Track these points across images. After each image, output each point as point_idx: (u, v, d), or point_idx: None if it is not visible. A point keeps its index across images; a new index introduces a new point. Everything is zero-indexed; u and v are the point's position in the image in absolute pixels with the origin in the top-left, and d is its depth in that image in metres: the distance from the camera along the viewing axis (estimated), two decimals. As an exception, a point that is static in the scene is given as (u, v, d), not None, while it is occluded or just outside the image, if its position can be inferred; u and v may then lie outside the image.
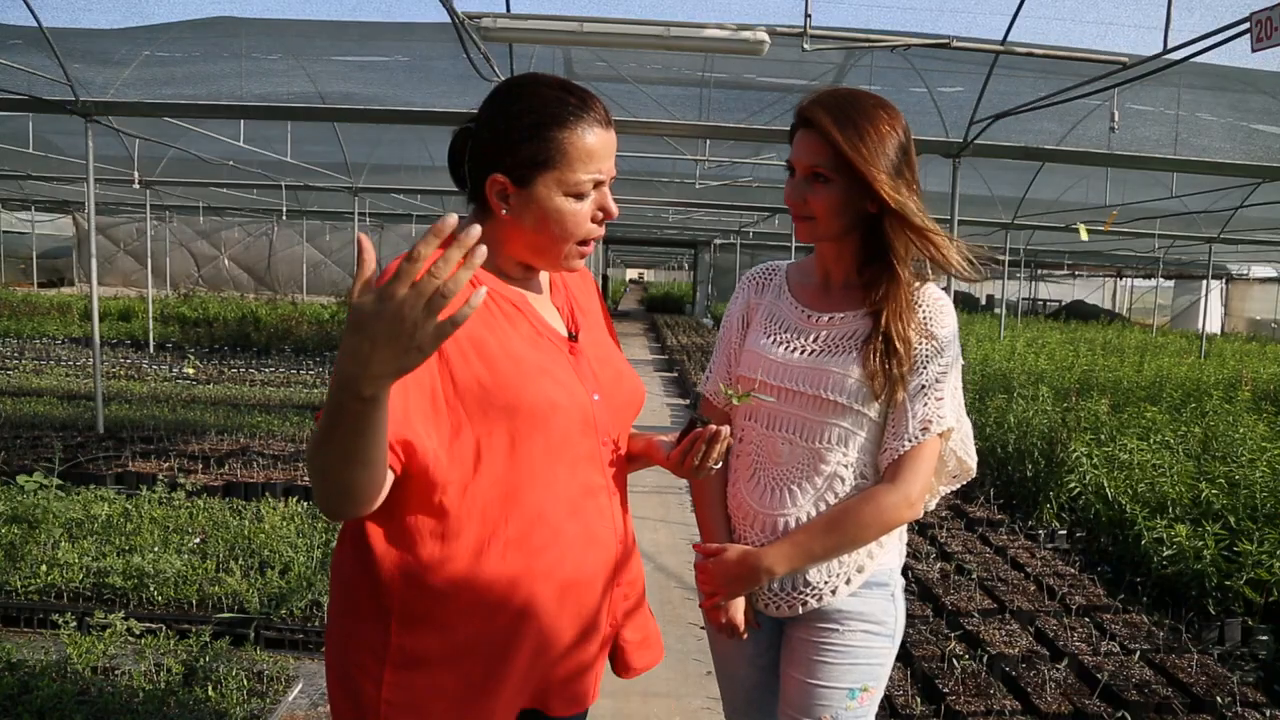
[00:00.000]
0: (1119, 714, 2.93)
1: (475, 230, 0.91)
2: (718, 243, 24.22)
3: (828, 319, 1.66)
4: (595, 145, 1.32)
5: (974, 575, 4.18)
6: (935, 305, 1.61)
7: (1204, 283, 17.93)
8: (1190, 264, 22.21)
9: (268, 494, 5.05)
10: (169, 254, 21.30)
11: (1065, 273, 29.77)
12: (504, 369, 1.30)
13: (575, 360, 1.42)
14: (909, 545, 2.77)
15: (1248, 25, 3.54)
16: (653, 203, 14.34)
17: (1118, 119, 5.61)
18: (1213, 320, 23.46)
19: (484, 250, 0.93)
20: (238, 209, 19.07)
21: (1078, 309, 25.90)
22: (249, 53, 7.42)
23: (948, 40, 5.02)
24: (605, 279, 26.41)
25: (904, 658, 3.32)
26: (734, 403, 1.65)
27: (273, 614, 3.51)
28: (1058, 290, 32.10)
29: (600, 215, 1.37)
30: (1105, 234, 12.47)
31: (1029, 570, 4.32)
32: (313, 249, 23.45)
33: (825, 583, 1.63)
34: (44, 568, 3.73)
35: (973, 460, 1.70)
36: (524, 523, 1.31)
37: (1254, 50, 3.45)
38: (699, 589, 1.73)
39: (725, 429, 1.44)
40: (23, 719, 2.57)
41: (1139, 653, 3.39)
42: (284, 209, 15.37)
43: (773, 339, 1.69)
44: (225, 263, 23.75)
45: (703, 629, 1.83)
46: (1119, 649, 3.48)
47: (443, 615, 1.29)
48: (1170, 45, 4.40)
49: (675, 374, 12.28)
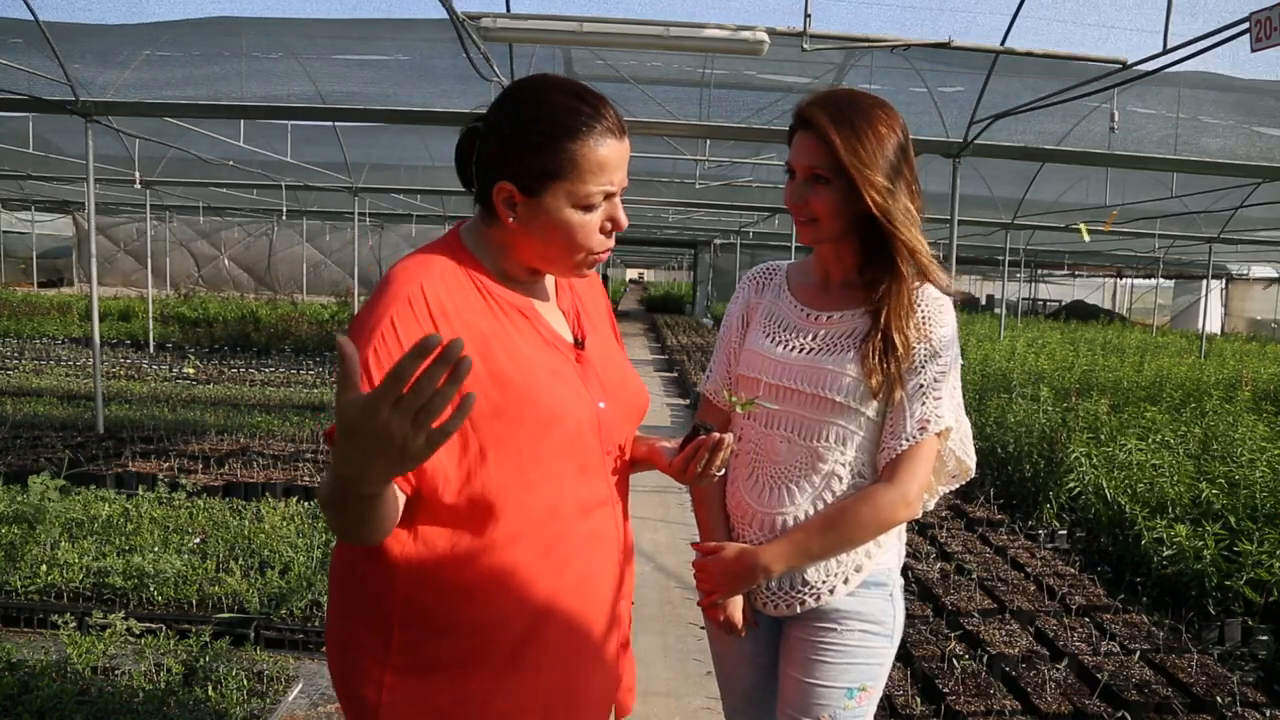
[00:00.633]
0: (1119, 714, 2.93)
1: (458, 344, 0.87)
2: (718, 243, 24.22)
3: (827, 318, 1.66)
4: (607, 157, 1.27)
5: (974, 575, 4.18)
6: (935, 305, 1.61)
7: (1204, 283, 17.94)
8: (1190, 264, 22.21)
9: (268, 494, 5.05)
10: (169, 254, 21.31)
11: (1065, 273, 29.78)
12: (512, 380, 1.28)
13: (581, 368, 1.40)
14: (909, 545, 2.77)
15: (1247, 25, 3.54)
16: (653, 203, 14.34)
17: (1117, 119, 5.62)
18: (1213, 320, 23.45)
19: (469, 363, 0.88)
20: (238, 209, 19.08)
21: (1078, 309, 25.90)
22: (249, 52, 7.43)
23: (947, 41, 5.02)
24: (605, 279, 26.42)
25: (904, 658, 3.32)
26: (738, 409, 1.64)
27: (273, 614, 3.51)
28: (1058, 290, 32.11)
29: (609, 226, 1.34)
30: (1105, 234, 12.47)
31: (1029, 570, 4.32)
32: (313, 249, 23.47)
33: (823, 582, 1.63)
34: (44, 568, 3.73)
35: (972, 460, 1.70)
36: (534, 521, 1.30)
37: (1253, 50, 3.45)
38: (698, 587, 1.73)
39: (729, 436, 1.43)
40: (23, 719, 2.57)
41: (1139, 653, 3.39)
42: (284, 209, 15.37)
43: (772, 338, 1.69)
44: (225, 263, 23.76)
45: (702, 629, 1.83)
46: (1119, 649, 3.48)
47: (450, 619, 1.27)
48: (1170, 45, 4.41)
49: (675, 374, 12.28)
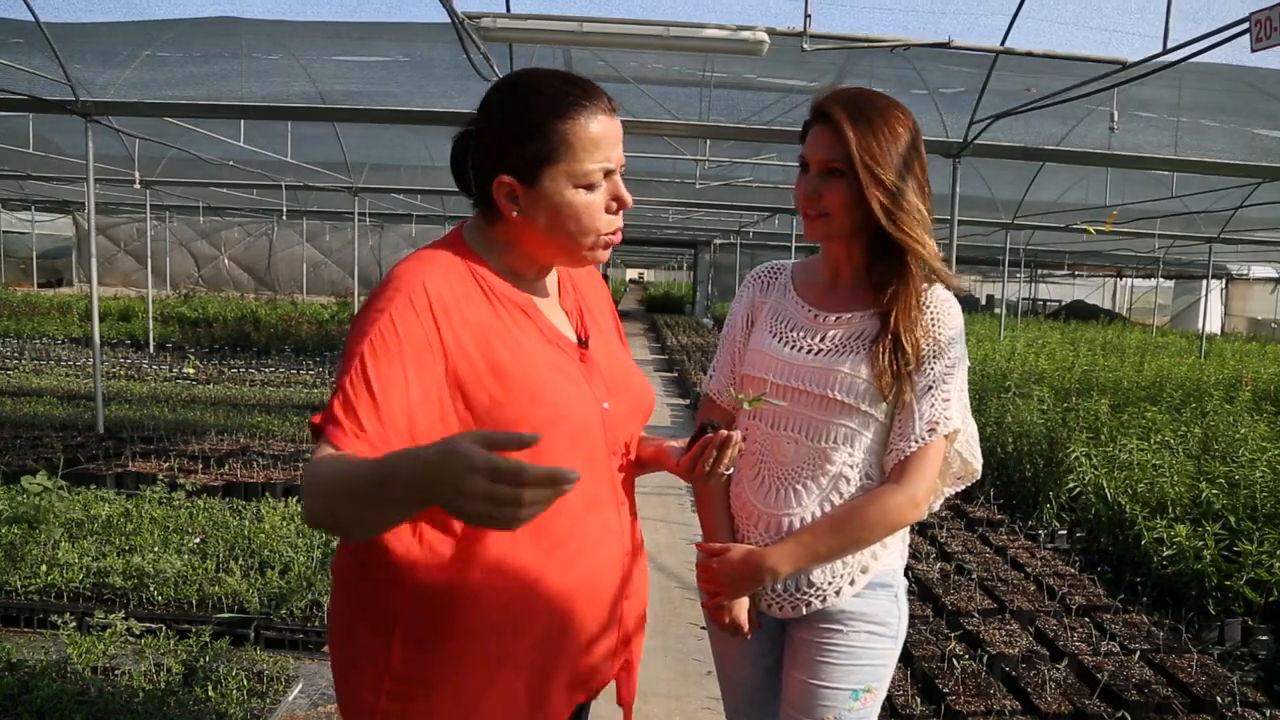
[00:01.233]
0: (1119, 714, 2.93)
1: (575, 476, 0.93)
2: (718, 243, 24.22)
3: (835, 319, 1.65)
4: (600, 133, 1.28)
5: (974, 575, 4.18)
6: (943, 306, 1.61)
7: (1204, 283, 17.94)
8: (1190, 264, 22.21)
9: (268, 494, 5.05)
10: (169, 254, 21.31)
11: (1065, 273, 29.78)
12: (514, 375, 1.27)
13: (585, 366, 1.40)
14: (909, 545, 2.75)
15: (1247, 25, 3.54)
16: (653, 203, 14.34)
17: (1117, 119, 5.62)
18: (1213, 320, 23.45)
19: (575, 478, 0.94)
20: (238, 209, 19.08)
21: (1078, 309, 25.90)
22: (249, 53, 7.42)
23: (947, 41, 5.02)
24: (605, 279, 26.34)
25: (904, 658, 3.31)
26: (745, 407, 1.64)
27: (273, 614, 3.51)
28: (1058, 290, 32.11)
29: (615, 205, 1.33)
30: (1105, 234, 12.47)
31: (1029, 570, 4.32)
32: (313, 249, 23.46)
33: (829, 583, 1.63)
34: (44, 568, 3.73)
35: (978, 462, 1.70)
36: (540, 518, 1.30)
37: (1254, 50, 3.46)
38: (702, 589, 1.72)
39: (736, 434, 1.42)
40: (23, 719, 2.57)
41: (1139, 653, 3.39)
42: (284, 209, 15.36)
43: (779, 338, 1.68)
44: (225, 263, 23.77)
45: (703, 629, 1.82)
46: (1119, 649, 3.48)
47: (453, 621, 1.27)
48: (1170, 45, 4.41)
49: (675, 374, 12.28)
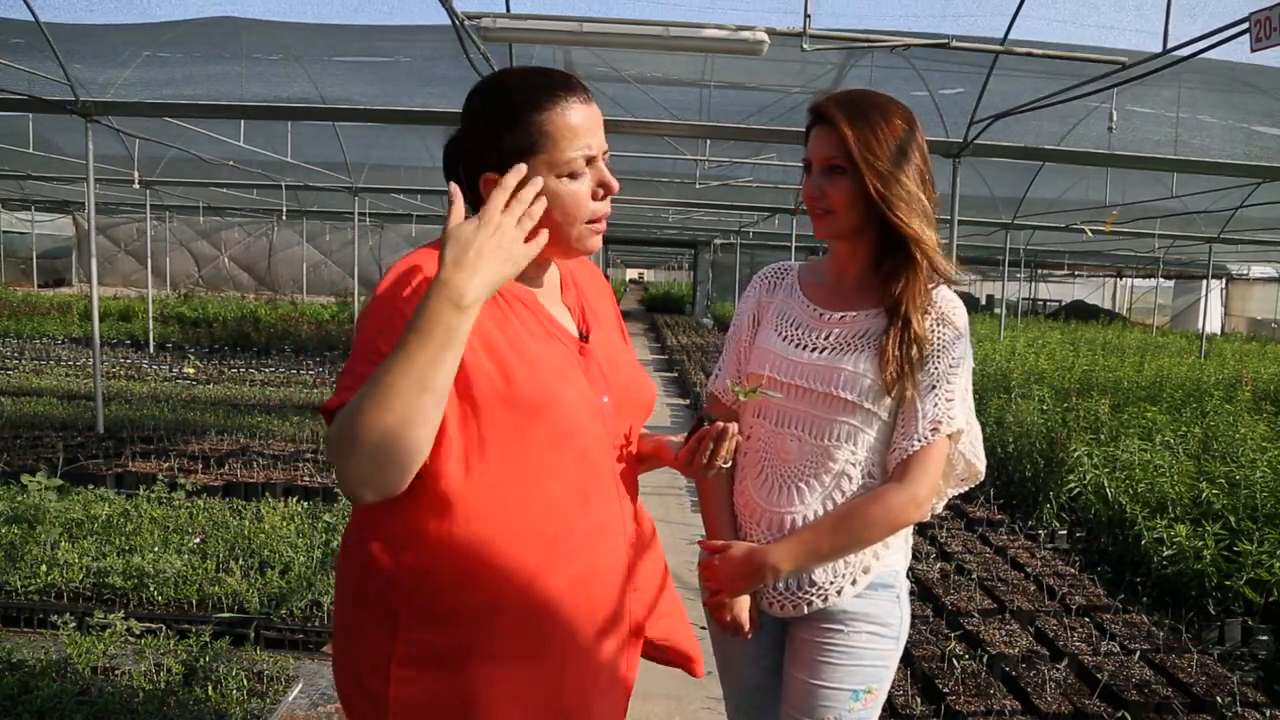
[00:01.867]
0: (1119, 714, 2.93)
1: (521, 168, 1.19)
2: (718, 243, 24.22)
3: (839, 317, 1.65)
4: (578, 121, 1.30)
5: (974, 575, 4.18)
6: (948, 306, 1.62)
7: (1204, 283, 17.93)
8: (1190, 264, 22.21)
9: (268, 494, 5.05)
10: (169, 254, 21.30)
11: (1065, 273, 29.78)
12: (512, 366, 1.29)
13: (585, 361, 1.41)
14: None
15: (1247, 25, 3.54)
16: (653, 203, 14.33)
17: (1115, 119, 5.61)
18: (1213, 320, 23.46)
19: (540, 182, 1.19)
20: (238, 209, 19.05)
21: (1078, 309, 25.89)
22: (249, 53, 7.42)
23: (947, 40, 5.02)
24: (605, 279, 26.32)
25: (904, 658, 3.31)
26: (741, 398, 1.64)
27: (273, 614, 3.51)
28: (1058, 290, 32.11)
29: (601, 192, 1.35)
30: (1105, 234, 12.47)
31: (1029, 570, 4.32)
32: (313, 249, 23.45)
33: (831, 583, 1.62)
34: (44, 568, 3.73)
35: (982, 463, 1.70)
36: (536, 514, 1.31)
37: (1253, 50, 3.45)
38: (703, 586, 1.72)
39: (733, 426, 1.43)
40: (23, 719, 2.57)
41: (1139, 653, 3.39)
42: (284, 209, 15.35)
43: (784, 336, 1.68)
44: (225, 263, 23.75)
45: (703, 629, 1.82)
46: (1119, 649, 3.48)
47: (452, 610, 1.28)
48: (1170, 45, 4.41)
49: (675, 374, 12.28)
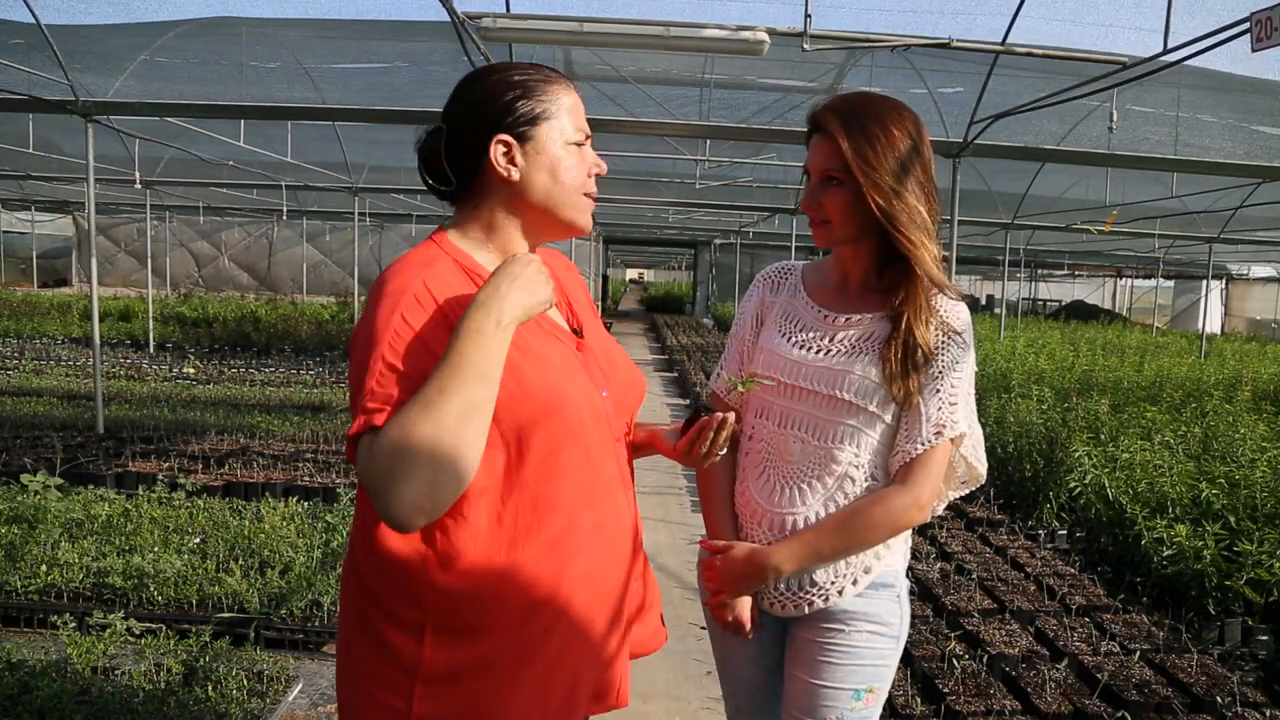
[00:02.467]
0: (1119, 714, 2.93)
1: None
2: (718, 243, 24.23)
3: (844, 320, 1.65)
4: (573, 104, 1.40)
5: (974, 575, 4.18)
6: (952, 311, 1.61)
7: (1204, 283, 17.93)
8: (1190, 264, 22.22)
9: (268, 494, 5.05)
10: (169, 254, 21.31)
11: (1065, 273, 29.79)
12: (522, 367, 1.29)
13: (583, 357, 1.42)
14: (910, 546, 2.75)
15: (1248, 25, 3.54)
16: (653, 203, 14.33)
17: (1116, 119, 5.61)
18: (1213, 320, 23.46)
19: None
20: (238, 209, 19.07)
21: (1078, 309, 25.90)
22: (249, 53, 7.43)
23: (947, 40, 5.02)
24: (605, 279, 26.35)
25: (904, 658, 3.31)
26: (740, 389, 1.65)
27: (273, 614, 3.51)
28: (1058, 290, 32.12)
29: (594, 170, 1.43)
30: (1105, 234, 12.47)
31: (1029, 570, 4.32)
32: (313, 249, 23.45)
33: (832, 583, 1.63)
34: (44, 568, 3.73)
35: (983, 466, 1.69)
36: (540, 515, 1.31)
37: (1254, 50, 3.45)
38: (704, 587, 1.72)
39: (730, 416, 1.44)
40: (23, 719, 2.57)
41: (1139, 653, 3.39)
42: (284, 209, 15.36)
43: (788, 337, 1.68)
44: (225, 263, 23.76)
45: (703, 629, 1.82)
46: (1119, 649, 3.48)
47: (475, 619, 1.27)
48: (1170, 45, 4.41)
49: (675, 374, 12.28)
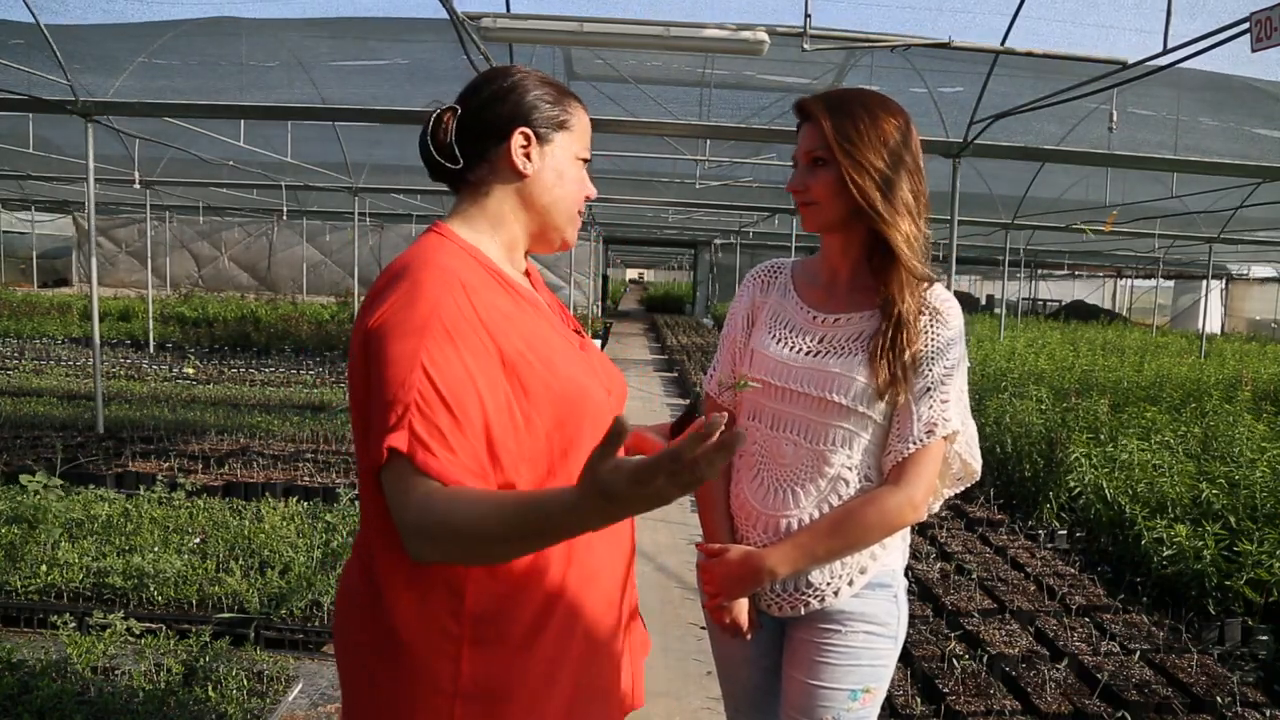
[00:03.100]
0: (1119, 714, 2.93)
1: (742, 437, 0.92)
2: (718, 243, 24.23)
3: (833, 320, 1.65)
4: (588, 126, 1.42)
5: (974, 575, 4.18)
6: (943, 306, 1.60)
7: (1204, 283, 17.93)
8: (1190, 264, 22.21)
9: (268, 494, 5.05)
10: (169, 254, 21.30)
11: (1065, 273, 29.77)
12: (534, 362, 1.28)
13: (585, 355, 1.43)
14: (909, 546, 2.76)
15: (1247, 26, 3.54)
16: (653, 203, 14.32)
17: (1116, 120, 5.61)
18: (1213, 320, 23.45)
19: (743, 437, 0.94)
20: (238, 209, 19.07)
21: (1078, 309, 25.89)
22: (249, 53, 7.43)
23: (947, 40, 5.02)
24: (605, 279, 26.29)
25: (904, 658, 3.31)
26: (735, 389, 1.65)
27: (273, 614, 3.51)
28: (1058, 290, 32.11)
29: (588, 194, 1.44)
30: (1105, 234, 12.48)
31: (1029, 570, 4.32)
32: (313, 249, 23.44)
33: (828, 584, 1.63)
34: (44, 568, 3.73)
35: (978, 463, 1.69)
36: None
37: (1254, 50, 3.45)
38: (702, 589, 1.72)
39: (724, 415, 1.43)
40: (23, 719, 2.57)
41: (1139, 653, 3.40)
42: (284, 209, 15.36)
43: (777, 339, 1.68)
44: (225, 263, 23.74)
45: (703, 629, 1.82)
46: (1119, 649, 3.48)
47: (512, 624, 1.25)
48: (1170, 46, 4.41)
49: (675, 374, 12.28)
